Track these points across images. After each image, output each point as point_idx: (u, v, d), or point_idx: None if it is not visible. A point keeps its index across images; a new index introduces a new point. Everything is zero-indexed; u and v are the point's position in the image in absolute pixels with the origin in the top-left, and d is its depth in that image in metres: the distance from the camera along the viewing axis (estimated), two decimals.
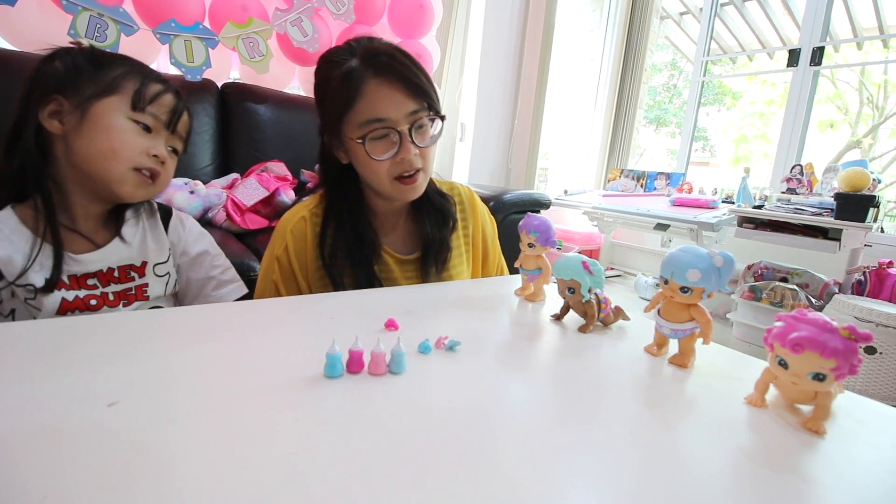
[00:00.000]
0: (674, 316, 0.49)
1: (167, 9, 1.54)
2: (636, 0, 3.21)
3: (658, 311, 0.50)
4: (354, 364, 0.42)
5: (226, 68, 1.87)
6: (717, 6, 3.09)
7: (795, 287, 1.75)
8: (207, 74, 1.66)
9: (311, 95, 2.04)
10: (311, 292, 0.75)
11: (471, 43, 2.64)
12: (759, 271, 1.99)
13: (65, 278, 0.64)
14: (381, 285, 0.75)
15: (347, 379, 0.41)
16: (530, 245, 0.67)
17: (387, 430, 0.33)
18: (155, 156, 0.66)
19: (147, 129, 0.65)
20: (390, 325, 0.53)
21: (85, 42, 0.69)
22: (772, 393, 0.42)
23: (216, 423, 0.33)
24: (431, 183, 0.80)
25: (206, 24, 1.65)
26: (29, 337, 0.45)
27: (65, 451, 0.29)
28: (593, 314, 0.57)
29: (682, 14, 4.93)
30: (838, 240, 1.57)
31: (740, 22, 4.21)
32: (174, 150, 0.71)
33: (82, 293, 0.65)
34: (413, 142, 0.68)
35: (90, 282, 0.66)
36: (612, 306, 0.60)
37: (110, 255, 0.68)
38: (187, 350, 0.44)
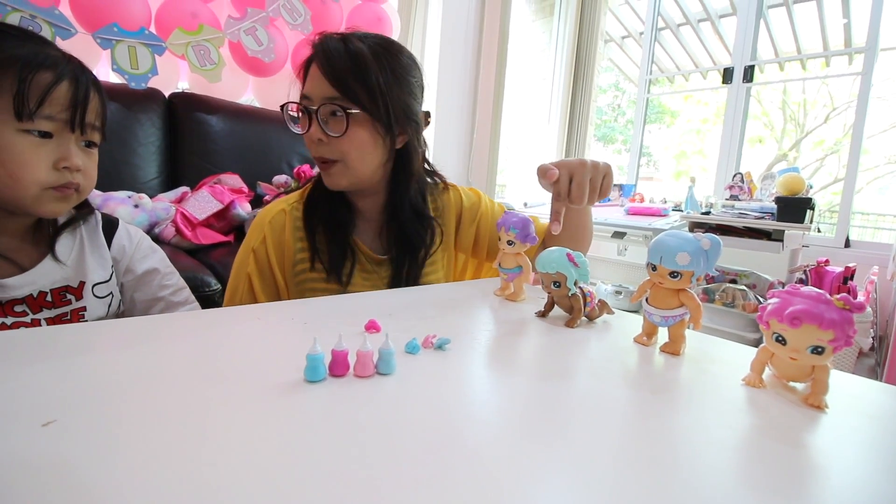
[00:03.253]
0: (663, 303, 0.48)
1: (109, 12, 1.45)
2: (583, 23, 3.37)
3: (646, 300, 0.50)
4: (338, 366, 0.38)
5: (174, 77, 1.78)
6: (656, 30, 3.31)
7: (745, 288, 1.85)
8: (154, 83, 1.57)
9: (267, 107, 1.99)
10: (287, 290, 0.71)
11: (428, 57, 2.67)
12: (710, 274, 2.08)
13: None
14: (356, 258, 0.74)
15: (331, 382, 0.37)
16: (510, 242, 0.65)
17: (380, 435, 0.30)
18: (66, 167, 0.54)
19: (46, 135, 0.53)
20: (371, 326, 0.50)
21: None
22: (765, 373, 0.42)
23: (178, 438, 0.28)
24: (412, 203, 0.76)
25: (153, 29, 1.56)
26: None
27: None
28: (580, 308, 0.56)
29: (623, 38, 5.24)
30: (781, 240, 1.68)
31: (676, 45, 4.53)
32: (90, 144, 0.59)
33: (9, 320, 0.55)
34: (319, 124, 0.66)
35: (17, 308, 0.56)
36: (597, 300, 0.59)
37: (41, 278, 0.57)
38: (138, 362, 0.39)
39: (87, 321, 0.61)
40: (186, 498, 0.23)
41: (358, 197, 0.76)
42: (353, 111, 0.66)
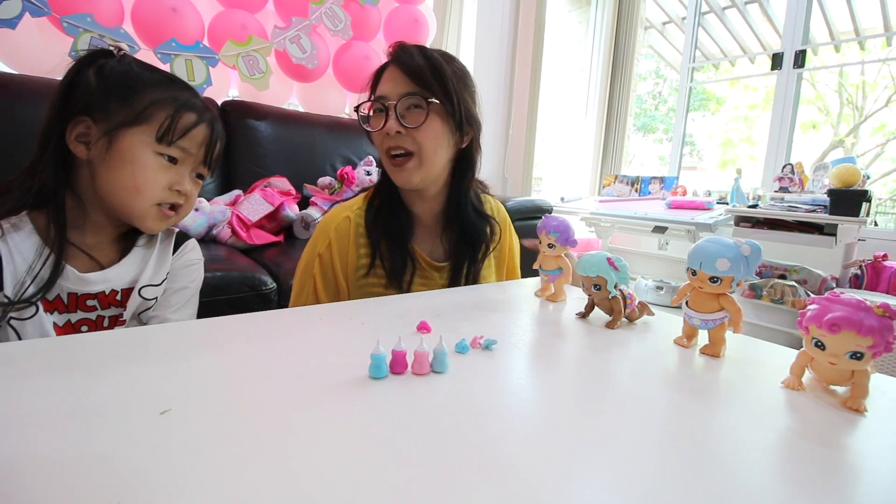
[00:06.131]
0: (703, 306, 0.50)
1: (167, 28, 1.56)
2: (621, 11, 3.29)
3: (686, 303, 0.52)
4: (398, 364, 0.43)
5: (225, 86, 1.88)
6: (700, 15, 3.18)
7: (794, 283, 1.79)
8: (207, 93, 1.67)
9: (310, 111, 2.07)
10: (348, 292, 0.77)
11: (463, 53, 2.69)
12: (758, 269, 2.02)
13: (63, 298, 0.61)
14: (416, 266, 0.78)
15: (392, 379, 0.41)
16: (550, 245, 0.68)
17: (439, 428, 0.34)
18: (178, 191, 0.65)
19: (173, 160, 0.63)
20: (423, 327, 0.54)
21: (125, 47, 0.64)
22: (806, 377, 0.43)
23: (271, 426, 0.33)
24: (472, 202, 0.82)
25: (206, 42, 1.67)
26: (68, 351, 0.44)
27: (129, 457, 0.29)
28: (620, 310, 0.58)
29: (664, 23, 5.05)
30: (834, 235, 1.61)
31: (721, 29, 4.33)
32: (200, 176, 0.69)
33: (76, 317, 0.62)
34: (399, 118, 0.71)
35: (89, 303, 0.63)
36: (636, 302, 0.61)
37: (115, 276, 0.65)
38: (228, 357, 0.45)
39: (125, 320, 0.66)
40: (279, 479, 0.27)
41: (417, 202, 0.80)
42: (432, 101, 0.71)
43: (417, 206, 0.80)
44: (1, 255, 0.58)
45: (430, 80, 0.71)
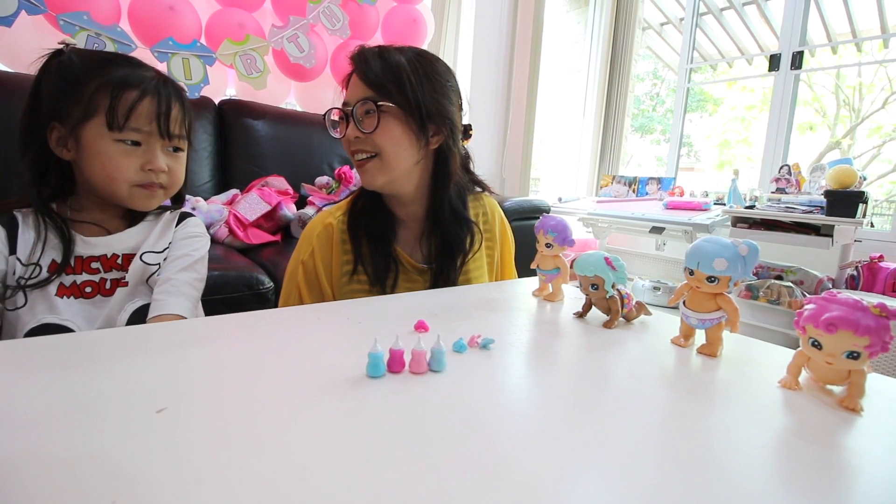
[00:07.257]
0: (700, 306, 0.50)
1: (164, 27, 1.55)
2: (619, 12, 3.30)
3: (683, 303, 0.52)
4: (396, 363, 0.43)
5: (222, 85, 1.88)
6: (697, 16, 3.19)
7: (791, 284, 1.79)
8: (204, 92, 1.67)
9: (308, 110, 2.07)
10: (334, 296, 0.76)
11: (461, 55, 2.69)
12: (755, 270, 2.02)
13: (70, 261, 0.65)
14: (399, 269, 0.78)
15: (390, 378, 0.41)
16: (548, 245, 0.68)
17: (436, 426, 0.34)
18: (151, 169, 0.65)
19: (135, 143, 0.64)
20: (420, 326, 0.54)
21: (71, 41, 0.65)
22: (803, 376, 0.43)
23: (268, 425, 0.33)
24: (452, 205, 0.79)
25: (203, 41, 1.66)
26: (64, 349, 0.44)
27: (125, 455, 0.28)
28: (617, 310, 0.58)
29: (662, 24, 5.06)
30: (830, 236, 1.61)
31: (719, 30, 4.34)
32: (177, 149, 0.69)
33: (80, 279, 0.65)
34: (357, 124, 0.71)
35: (93, 265, 0.66)
36: (634, 302, 0.61)
37: (116, 242, 0.68)
38: (225, 356, 0.44)
39: (128, 282, 0.68)
40: (275, 478, 0.27)
41: (398, 205, 0.79)
42: (384, 104, 0.70)
43: (399, 210, 0.80)
44: (18, 222, 0.63)
45: (385, 83, 0.70)
